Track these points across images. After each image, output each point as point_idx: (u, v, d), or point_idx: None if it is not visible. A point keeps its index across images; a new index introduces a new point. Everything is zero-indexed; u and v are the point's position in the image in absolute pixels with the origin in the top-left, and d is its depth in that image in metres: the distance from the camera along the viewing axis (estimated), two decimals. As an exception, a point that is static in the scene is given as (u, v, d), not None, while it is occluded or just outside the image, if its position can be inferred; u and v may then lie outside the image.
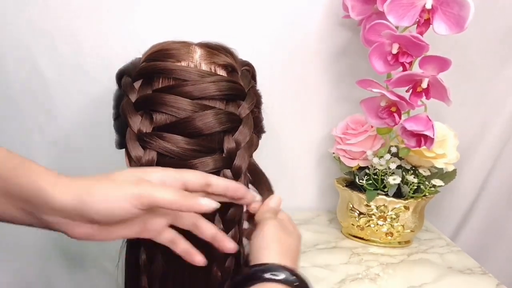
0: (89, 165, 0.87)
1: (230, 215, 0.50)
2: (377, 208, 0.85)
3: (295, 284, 0.43)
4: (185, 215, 0.46)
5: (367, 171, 0.86)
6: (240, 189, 0.48)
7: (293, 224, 0.53)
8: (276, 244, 0.47)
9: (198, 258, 0.46)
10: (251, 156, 0.53)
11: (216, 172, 0.49)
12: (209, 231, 0.46)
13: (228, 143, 0.50)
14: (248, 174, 0.53)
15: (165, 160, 0.48)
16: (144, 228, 0.45)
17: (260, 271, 0.44)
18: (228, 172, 0.50)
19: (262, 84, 0.59)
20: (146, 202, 0.40)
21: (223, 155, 0.50)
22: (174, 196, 0.40)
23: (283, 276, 0.43)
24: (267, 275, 0.43)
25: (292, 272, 0.44)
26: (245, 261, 0.49)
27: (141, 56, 0.55)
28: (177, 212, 0.46)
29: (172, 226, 0.47)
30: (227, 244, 0.46)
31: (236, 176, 0.50)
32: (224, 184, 0.46)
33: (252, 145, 0.53)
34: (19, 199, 0.40)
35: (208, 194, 0.46)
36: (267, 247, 0.46)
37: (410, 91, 0.74)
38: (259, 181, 0.53)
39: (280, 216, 0.53)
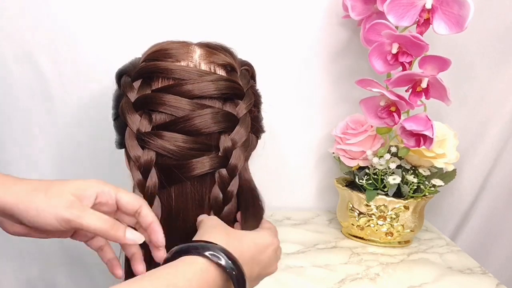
0: (89, 165, 0.87)
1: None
2: (377, 208, 0.85)
3: (233, 272, 0.42)
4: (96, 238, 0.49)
5: (367, 171, 0.86)
6: (158, 234, 0.46)
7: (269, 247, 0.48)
8: (220, 230, 0.45)
9: (117, 272, 0.48)
10: (248, 157, 0.53)
11: (212, 171, 0.49)
12: (110, 255, 0.50)
13: (225, 142, 0.50)
14: (241, 195, 0.51)
15: (164, 159, 0.48)
16: (77, 234, 0.48)
17: (200, 248, 0.42)
18: (223, 171, 0.50)
19: (262, 84, 0.59)
20: (73, 226, 0.42)
21: (219, 154, 0.50)
22: (102, 224, 0.42)
23: (223, 262, 0.41)
24: (208, 253, 0.41)
25: (231, 257, 0.42)
26: None
27: (141, 56, 0.55)
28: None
29: None
30: (116, 272, 0.48)
31: (231, 175, 0.50)
32: (150, 221, 0.46)
33: (249, 145, 0.53)
34: None
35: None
36: (209, 231, 0.45)
37: (410, 91, 0.74)
38: (248, 206, 0.51)
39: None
